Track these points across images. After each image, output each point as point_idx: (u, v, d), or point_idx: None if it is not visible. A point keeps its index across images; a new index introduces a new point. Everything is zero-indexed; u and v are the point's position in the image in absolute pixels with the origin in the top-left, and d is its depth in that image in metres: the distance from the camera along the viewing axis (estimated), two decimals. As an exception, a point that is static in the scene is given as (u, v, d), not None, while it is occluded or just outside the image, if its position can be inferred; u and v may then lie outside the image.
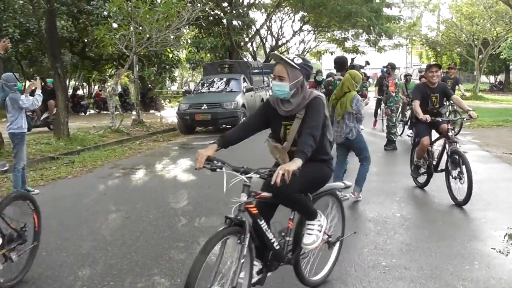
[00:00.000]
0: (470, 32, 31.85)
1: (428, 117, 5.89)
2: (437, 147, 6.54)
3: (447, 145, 5.99)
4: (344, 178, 6.23)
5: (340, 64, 6.80)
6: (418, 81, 11.01)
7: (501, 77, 46.29)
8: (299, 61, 3.05)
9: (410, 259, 4.11)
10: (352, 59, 7.54)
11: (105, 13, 16.62)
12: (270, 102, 3.23)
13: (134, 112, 16.92)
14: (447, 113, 8.64)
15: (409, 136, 10.74)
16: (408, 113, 11.52)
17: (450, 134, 5.96)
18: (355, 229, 5.01)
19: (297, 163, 2.71)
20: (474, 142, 10.84)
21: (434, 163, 6.34)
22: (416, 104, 6.20)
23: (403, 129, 12.01)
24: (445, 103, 6.68)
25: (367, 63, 8.55)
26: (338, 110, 5.92)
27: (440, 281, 3.65)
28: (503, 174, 7.50)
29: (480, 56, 31.94)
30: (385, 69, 10.90)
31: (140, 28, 13.70)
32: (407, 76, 12.18)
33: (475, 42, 31.77)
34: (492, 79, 48.54)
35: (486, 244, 4.48)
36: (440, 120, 6.11)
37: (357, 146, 5.98)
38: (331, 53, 32.08)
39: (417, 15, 36.06)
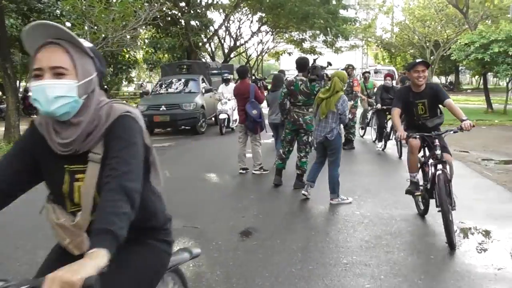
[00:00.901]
0: (422, 34, 32.93)
1: (403, 134, 4.69)
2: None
3: (432, 167, 4.79)
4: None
5: (302, 65, 6.86)
6: (379, 82, 10.91)
7: (451, 78, 48.26)
8: (90, 45, 1.68)
9: (370, 256, 4.19)
10: (314, 60, 7.61)
11: (58, 12, 16.13)
12: (37, 126, 1.68)
13: (90, 114, 16.49)
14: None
15: (378, 148, 10.11)
16: (369, 114, 11.34)
17: (437, 152, 4.69)
18: (316, 228, 5.08)
19: (95, 260, 1.28)
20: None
21: (428, 187, 4.94)
22: (395, 113, 5.00)
23: (364, 132, 12.00)
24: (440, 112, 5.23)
25: (329, 63, 8.62)
26: (323, 108, 5.93)
27: (399, 277, 3.73)
28: (455, 171, 7.74)
29: (432, 57, 33.04)
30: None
31: (95, 27, 13.37)
32: (365, 74, 12.00)
33: (427, 44, 32.88)
34: (443, 79, 50.53)
35: (440, 238, 4.62)
36: (417, 136, 4.85)
37: (333, 147, 6.02)
38: (289, 54, 32.39)
39: (372, 17, 36.93)
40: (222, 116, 13.41)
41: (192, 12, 21.85)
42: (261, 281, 3.71)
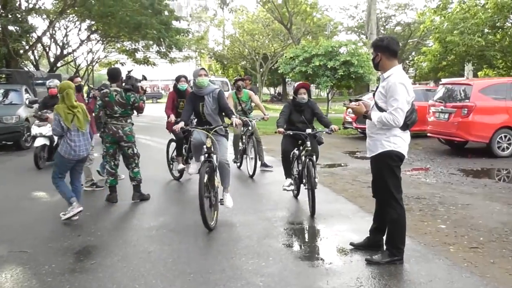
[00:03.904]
0: (252, 47, 34.98)
1: None
2: None
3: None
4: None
5: (114, 75, 6.74)
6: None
7: (279, 89, 52.17)
8: None
9: (213, 263, 4.27)
10: (129, 71, 7.40)
11: None
12: None
13: None
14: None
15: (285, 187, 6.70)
16: (244, 139, 8.91)
17: None
18: (157, 241, 4.99)
19: None
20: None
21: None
22: None
23: (241, 163, 9.25)
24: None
25: (144, 77, 8.30)
26: (82, 121, 5.70)
27: (241, 281, 3.87)
28: (282, 177, 8.31)
29: (261, 70, 35.24)
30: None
31: None
32: (239, 82, 9.06)
33: (257, 57, 34.97)
34: (272, 90, 54.43)
35: (278, 240, 4.94)
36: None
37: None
38: (122, 64, 31.45)
39: (204, 29, 37.93)
40: (38, 142, 9.12)
41: (10, 16, 19.84)
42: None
